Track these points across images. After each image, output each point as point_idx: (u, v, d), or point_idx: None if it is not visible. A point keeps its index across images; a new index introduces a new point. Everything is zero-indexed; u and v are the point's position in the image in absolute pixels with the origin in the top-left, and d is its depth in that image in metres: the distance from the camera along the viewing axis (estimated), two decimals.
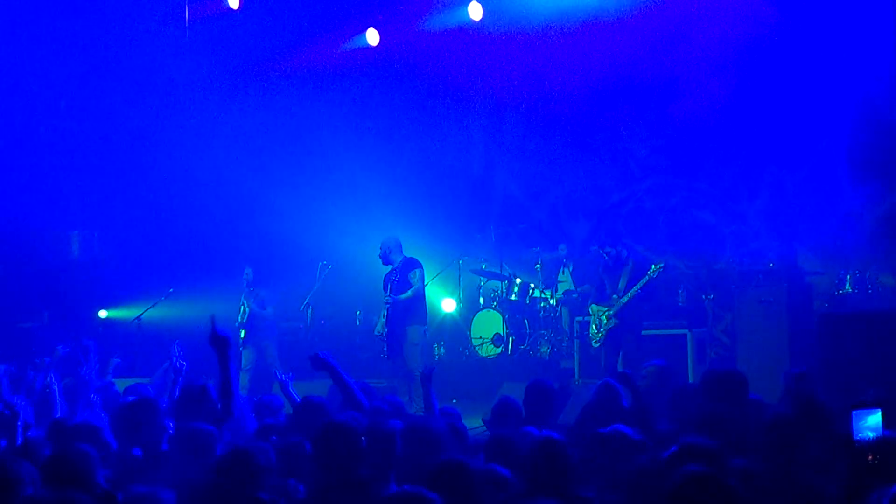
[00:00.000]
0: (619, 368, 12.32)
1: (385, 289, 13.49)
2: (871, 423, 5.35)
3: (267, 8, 17.56)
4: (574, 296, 16.09)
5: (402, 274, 13.37)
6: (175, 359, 8.85)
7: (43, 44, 16.65)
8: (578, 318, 14.92)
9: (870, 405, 5.56)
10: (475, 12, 17.45)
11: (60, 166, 16.96)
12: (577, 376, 14.51)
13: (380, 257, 13.62)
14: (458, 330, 16.53)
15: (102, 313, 17.34)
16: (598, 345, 12.70)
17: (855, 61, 15.37)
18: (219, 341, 6.68)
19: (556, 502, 5.04)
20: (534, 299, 16.01)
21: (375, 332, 13.61)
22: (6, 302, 16.62)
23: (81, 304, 17.34)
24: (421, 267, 13.51)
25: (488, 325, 15.98)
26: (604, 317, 12.56)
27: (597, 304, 12.83)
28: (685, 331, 13.78)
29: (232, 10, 17.36)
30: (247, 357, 14.76)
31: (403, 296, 13.20)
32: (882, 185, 14.80)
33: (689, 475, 4.30)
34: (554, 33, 17.57)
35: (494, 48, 17.64)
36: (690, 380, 12.71)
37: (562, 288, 16.28)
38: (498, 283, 16.31)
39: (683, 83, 16.69)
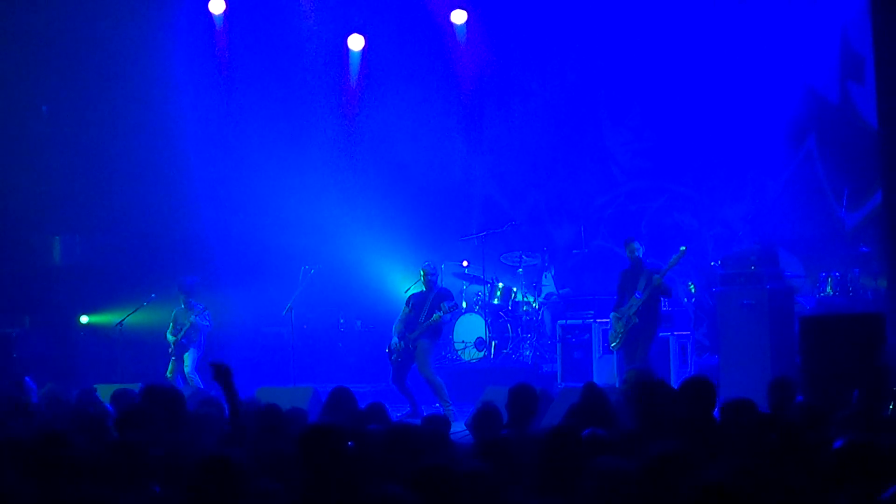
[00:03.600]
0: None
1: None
2: None
3: (250, 13, 17.58)
4: (554, 298, 16.11)
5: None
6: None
7: (25, 47, 16.60)
8: (561, 322, 14.95)
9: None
10: (458, 17, 17.53)
11: (43, 171, 16.89)
12: (559, 380, 14.53)
13: (432, 281, 13.61)
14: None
15: (84, 319, 17.28)
16: (616, 345, 12.65)
17: (833, 67, 15.45)
18: (221, 372, 7.11)
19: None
20: (516, 303, 16.01)
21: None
22: None
23: (63, 309, 17.27)
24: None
25: (471, 328, 15.98)
26: (623, 318, 12.54)
27: (616, 311, 12.79)
28: (667, 333, 13.80)
29: (216, 13, 17.41)
30: None
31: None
32: (862, 189, 14.86)
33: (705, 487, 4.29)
34: (536, 37, 17.64)
35: (476, 52, 17.69)
36: (672, 383, 12.70)
37: (545, 292, 16.29)
38: (480, 287, 16.30)
39: (666, 87, 16.74)
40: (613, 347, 12.74)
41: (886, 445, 5.31)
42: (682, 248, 12.66)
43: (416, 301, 13.55)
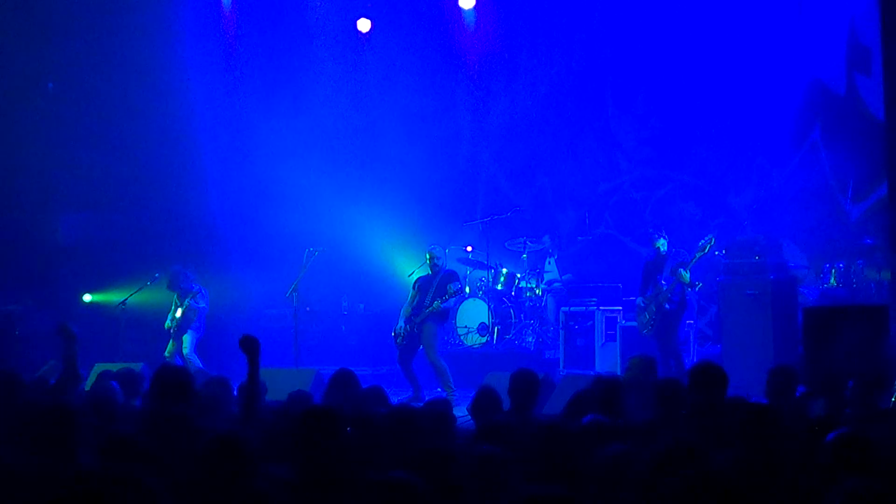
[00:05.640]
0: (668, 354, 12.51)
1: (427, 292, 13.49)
2: None
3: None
4: (557, 285, 16.11)
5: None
6: None
7: (31, 24, 16.57)
8: (564, 309, 14.97)
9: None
10: (466, 2, 17.50)
11: (47, 148, 16.88)
12: (561, 367, 14.54)
13: (438, 264, 13.60)
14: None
15: (87, 297, 17.28)
16: (648, 331, 12.73)
17: (840, 58, 15.41)
18: (249, 343, 6.68)
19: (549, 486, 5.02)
20: (519, 289, 16.01)
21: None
22: None
23: (66, 287, 17.28)
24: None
25: (474, 314, 15.97)
26: (652, 305, 12.59)
27: (643, 296, 12.86)
28: None
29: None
30: None
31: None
32: (867, 180, 14.84)
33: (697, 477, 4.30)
34: (542, 23, 17.61)
35: (483, 37, 17.66)
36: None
37: (547, 278, 16.29)
38: (484, 273, 16.30)
39: (672, 75, 16.71)
40: (645, 333, 12.84)
41: (880, 438, 5.32)
42: (711, 238, 12.72)
43: (422, 284, 13.58)
